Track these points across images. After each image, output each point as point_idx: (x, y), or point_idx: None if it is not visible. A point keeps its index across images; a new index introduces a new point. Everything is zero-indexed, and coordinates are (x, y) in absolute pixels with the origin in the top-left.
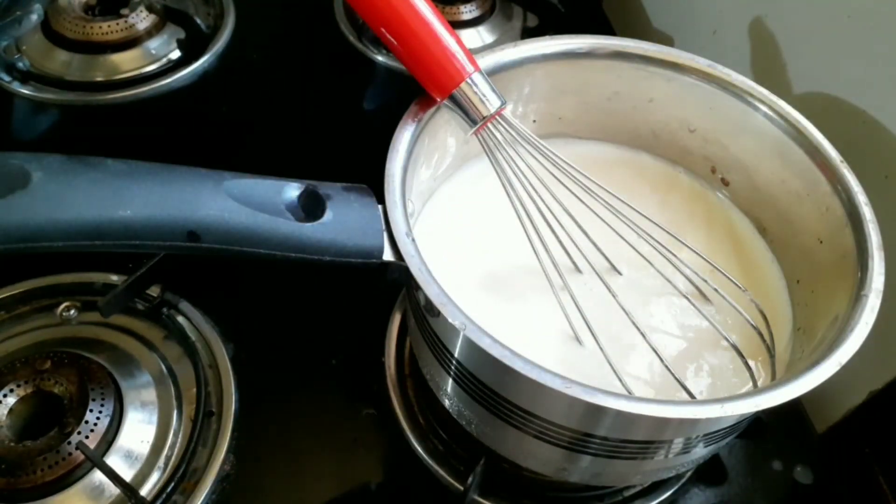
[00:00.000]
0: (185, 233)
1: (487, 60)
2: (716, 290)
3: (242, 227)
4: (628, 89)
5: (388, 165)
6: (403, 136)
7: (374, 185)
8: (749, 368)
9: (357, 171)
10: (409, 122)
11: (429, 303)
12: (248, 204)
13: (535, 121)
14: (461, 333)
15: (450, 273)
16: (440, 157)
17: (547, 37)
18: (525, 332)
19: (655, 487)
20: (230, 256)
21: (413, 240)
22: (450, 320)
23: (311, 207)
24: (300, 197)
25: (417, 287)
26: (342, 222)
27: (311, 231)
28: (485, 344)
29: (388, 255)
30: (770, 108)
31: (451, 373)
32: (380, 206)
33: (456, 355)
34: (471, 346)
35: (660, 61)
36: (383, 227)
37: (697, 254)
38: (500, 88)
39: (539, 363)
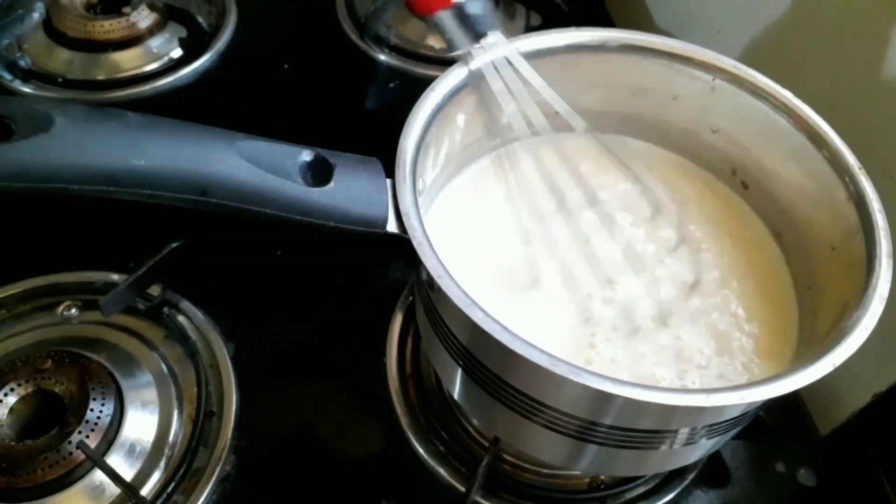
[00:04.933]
0: (195, 187)
1: (509, 48)
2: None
3: (251, 186)
4: (653, 86)
5: (401, 140)
6: (420, 114)
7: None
8: None
9: None
10: (428, 100)
11: (429, 277)
12: (258, 164)
13: (557, 112)
14: (458, 311)
15: (462, 269)
16: (455, 144)
17: (573, 27)
18: (539, 326)
19: (658, 489)
20: (237, 214)
21: (419, 214)
22: (445, 292)
23: (319, 174)
24: (310, 163)
25: (420, 262)
26: (349, 190)
27: (318, 196)
28: (477, 318)
29: (391, 227)
30: (792, 111)
31: (455, 356)
32: (388, 180)
33: (455, 334)
34: (466, 321)
35: (685, 58)
36: (390, 199)
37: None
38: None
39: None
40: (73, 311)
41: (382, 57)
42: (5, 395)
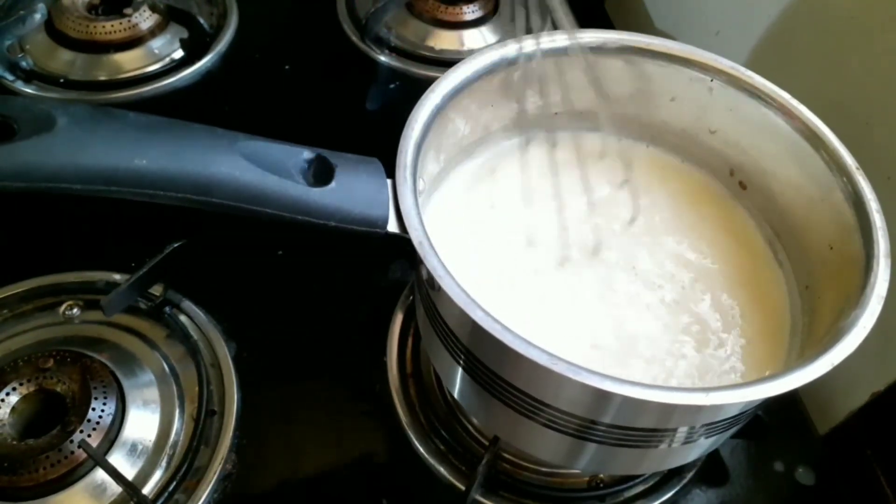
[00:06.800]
0: (196, 187)
1: (508, 50)
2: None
3: (252, 186)
4: (651, 87)
5: (402, 140)
6: (420, 115)
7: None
8: None
9: None
10: (428, 101)
11: (430, 277)
12: (260, 165)
13: (556, 113)
14: (459, 309)
15: (462, 268)
16: (454, 144)
17: (568, 30)
18: (542, 326)
19: (657, 488)
20: (239, 214)
21: (419, 214)
22: (446, 292)
23: (320, 174)
24: (311, 163)
25: (420, 261)
26: (349, 190)
27: (319, 196)
28: (477, 317)
29: (392, 227)
30: (790, 112)
31: (455, 355)
32: (388, 180)
33: (456, 333)
34: (466, 320)
35: (683, 60)
36: (390, 198)
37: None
38: (523, 79)
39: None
40: (75, 310)
41: (383, 58)
42: (7, 394)
